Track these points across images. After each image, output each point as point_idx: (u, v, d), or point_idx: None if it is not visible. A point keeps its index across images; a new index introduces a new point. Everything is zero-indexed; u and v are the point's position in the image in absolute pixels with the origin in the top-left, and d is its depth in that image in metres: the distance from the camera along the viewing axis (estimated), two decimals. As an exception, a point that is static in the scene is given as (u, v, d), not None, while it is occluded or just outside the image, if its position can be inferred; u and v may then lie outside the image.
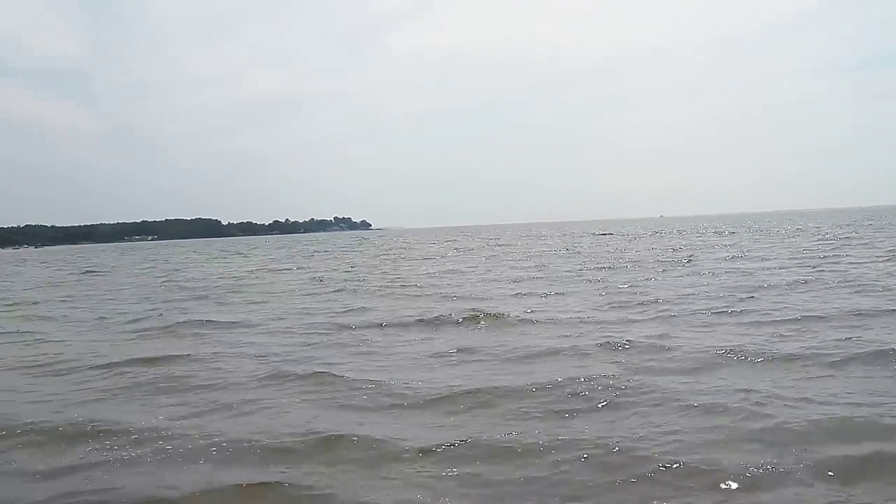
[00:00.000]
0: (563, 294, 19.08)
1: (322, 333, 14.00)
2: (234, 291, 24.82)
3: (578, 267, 28.74)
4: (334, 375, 9.70)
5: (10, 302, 25.17)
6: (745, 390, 7.89)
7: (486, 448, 6.45)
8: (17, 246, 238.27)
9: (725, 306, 14.98)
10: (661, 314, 14.44)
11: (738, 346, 10.41)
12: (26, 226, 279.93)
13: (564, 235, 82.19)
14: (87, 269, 50.53)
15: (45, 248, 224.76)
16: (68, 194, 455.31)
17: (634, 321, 13.83)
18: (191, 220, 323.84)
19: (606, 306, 16.18)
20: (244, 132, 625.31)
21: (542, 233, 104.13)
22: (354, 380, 9.38)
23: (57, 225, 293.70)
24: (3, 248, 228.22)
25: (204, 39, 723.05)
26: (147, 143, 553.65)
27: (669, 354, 10.30)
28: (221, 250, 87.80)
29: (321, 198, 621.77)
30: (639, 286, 19.92)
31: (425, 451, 6.45)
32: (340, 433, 6.93)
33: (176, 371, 10.52)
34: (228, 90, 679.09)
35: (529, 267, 30.68)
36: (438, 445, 6.57)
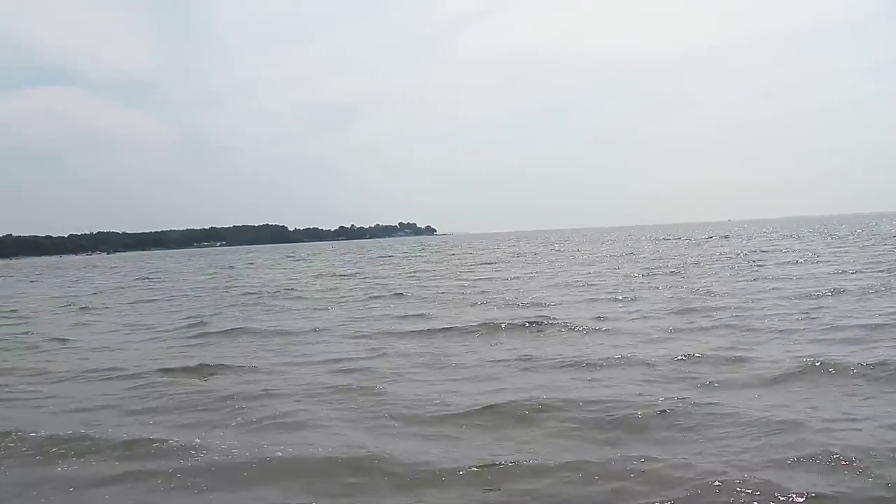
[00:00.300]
0: (630, 300, 18.73)
1: (383, 340, 13.91)
2: (296, 298, 24.82)
3: (645, 272, 28.20)
4: (389, 385, 9.62)
5: (76, 307, 25.97)
6: (815, 407, 7.59)
7: (538, 466, 6.25)
8: (90, 252, 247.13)
9: (798, 314, 14.45)
10: (730, 322, 14.01)
11: (812, 357, 9.99)
12: (99, 233, 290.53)
13: (632, 239, 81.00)
14: (152, 273, 51.85)
15: (117, 254, 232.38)
16: (140, 202, 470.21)
17: (702, 329, 13.46)
18: (258, 226, 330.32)
19: (674, 313, 15.80)
20: (310, 138, 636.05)
21: (609, 237, 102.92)
22: (410, 391, 9.27)
23: (128, 232, 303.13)
24: (76, 254, 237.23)
25: (271, 47, 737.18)
26: (215, 150, 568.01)
27: (739, 367, 9.97)
28: (286, 256, 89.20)
29: (386, 203, 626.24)
30: (707, 292, 19.40)
31: (478, 469, 6.25)
32: (386, 452, 6.73)
33: (231, 381, 10.44)
34: (295, 97, 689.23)
35: (596, 272, 30.28)
36: (493, 463, 6.38)
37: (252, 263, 66.15)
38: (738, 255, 37.61)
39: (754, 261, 31.56)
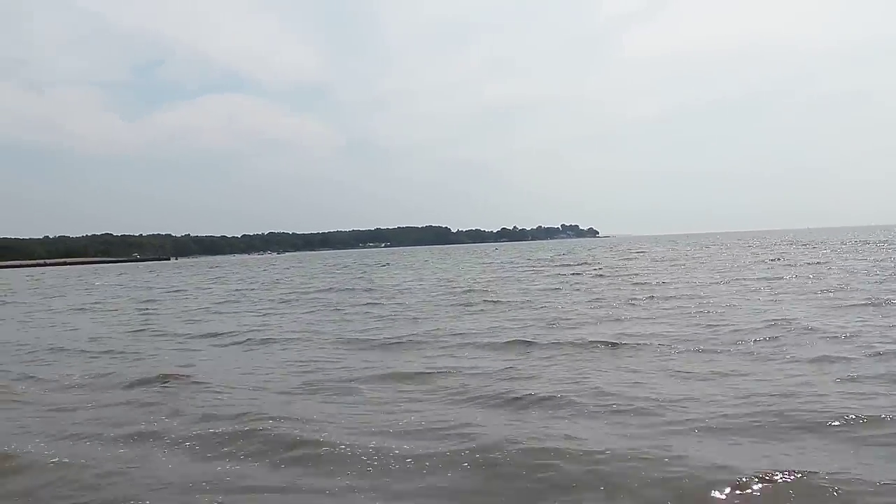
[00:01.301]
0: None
1: (574, 348, 12.25)
2: (465, 304, 22.61)
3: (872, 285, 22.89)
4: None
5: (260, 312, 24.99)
6: None
7: None
8: (261, 251, 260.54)
9: None
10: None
11: None
12: (270, 233, 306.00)
13: (839, 243, 72.90)
14: (336, 268, 51.78)
15: (286, 253, 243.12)
16: (307, 205, 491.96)
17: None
18: (422, 227, 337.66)
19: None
20: (473, 141, 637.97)
21: (808, 239, 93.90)
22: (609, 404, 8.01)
23: (297, 233, 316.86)
24: (248, 253, 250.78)
25: (435, 51, 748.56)
26: (381, 154, 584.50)
27: None
28: (446, 254, 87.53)
29: (548, 205, 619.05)
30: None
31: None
32: None
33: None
34: (458, 100, 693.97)
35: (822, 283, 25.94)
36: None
37: (425, 261, 64.87)
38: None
39: None
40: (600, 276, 33.34)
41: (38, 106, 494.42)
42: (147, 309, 26.56)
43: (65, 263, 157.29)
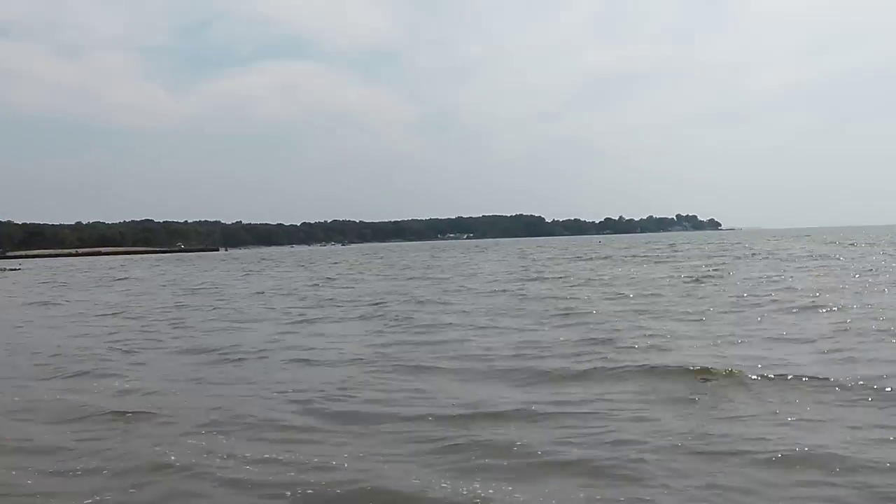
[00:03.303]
0: None
1: None
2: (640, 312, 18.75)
3: None
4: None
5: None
6: None
7: None
8: (323, 242, 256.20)
9: None
10: None
11: None
12: (334, 221, 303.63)
13: None
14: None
15: (353, 245, 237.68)
16: (378, 188, 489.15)
17: None
18: (511, 216, 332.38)
19: None
20: (572, 116, 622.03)
21: None
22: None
23: (365, 220, 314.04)
24: (308, 244, 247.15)
25: (528, 11, 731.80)
26: (463, 130, 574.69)
27: None
28: (536, 247, 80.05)
29: (661, 192, 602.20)
30: None
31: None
32: None
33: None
34: (555, 68, 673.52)
35: None
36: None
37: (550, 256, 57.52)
38: None
39: None
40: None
41: (70, 73, 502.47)
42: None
43: (98, 253, 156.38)
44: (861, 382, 9.79)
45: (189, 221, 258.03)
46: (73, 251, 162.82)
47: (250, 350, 14.86)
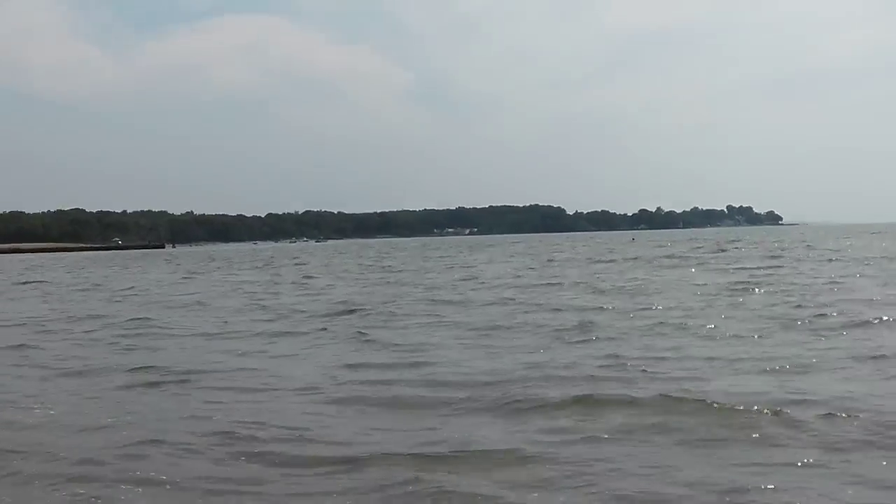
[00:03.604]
0: None
1: None
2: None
3: None
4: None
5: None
6: None
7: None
8: (293, 238, 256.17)
9: None
10: None
11: None
12: (306, 212, 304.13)
13: None
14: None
15: (329, 241, 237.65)
16: (361, 171, 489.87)
17: None
18: (523, 207, 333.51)
19: None
20: (598, 84, 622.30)
21: None
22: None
23: (345, 212, 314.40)
24: (274, 240, 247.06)
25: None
26: (465, 101, 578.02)
27: None
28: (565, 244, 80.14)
29: (707, 180, 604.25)
30: None
31: None
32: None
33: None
34: (577, 25, 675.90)
35: None
36: None
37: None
38: None
39: None
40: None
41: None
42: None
43: (16, 250, 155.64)
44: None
45: (128, 212, 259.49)
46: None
47: (168, 372, 14.96)
